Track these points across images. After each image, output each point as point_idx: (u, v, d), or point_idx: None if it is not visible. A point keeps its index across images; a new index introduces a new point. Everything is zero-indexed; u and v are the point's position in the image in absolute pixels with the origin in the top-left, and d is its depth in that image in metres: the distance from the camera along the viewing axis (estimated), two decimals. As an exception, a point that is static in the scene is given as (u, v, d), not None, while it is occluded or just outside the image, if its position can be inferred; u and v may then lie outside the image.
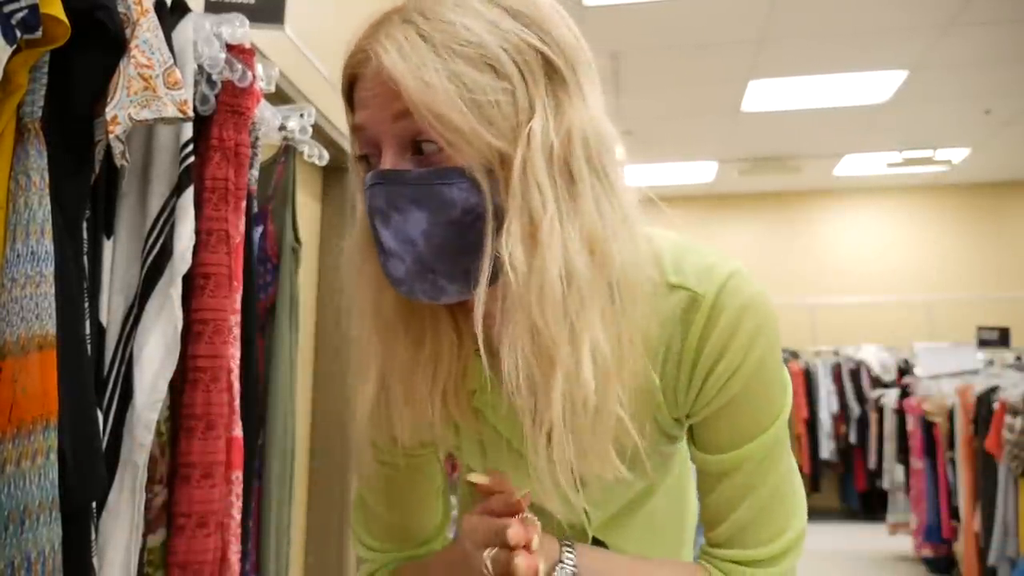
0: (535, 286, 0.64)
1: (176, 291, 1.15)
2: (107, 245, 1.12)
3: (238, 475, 1.26)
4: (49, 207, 0.90)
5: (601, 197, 0.67)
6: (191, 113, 1.08)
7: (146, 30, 1.02)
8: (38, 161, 0.89)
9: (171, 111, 1.03)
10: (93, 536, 1.01)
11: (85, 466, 0.95)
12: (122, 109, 0.98)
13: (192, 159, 1.19)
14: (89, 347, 1.05)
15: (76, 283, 0.98)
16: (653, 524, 0.96)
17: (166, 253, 1.16)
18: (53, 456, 0.83)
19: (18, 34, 0.82)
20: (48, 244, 0.89)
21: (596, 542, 0.96)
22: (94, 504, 1.03)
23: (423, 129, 0.65)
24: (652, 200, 0.75)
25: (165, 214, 1.18)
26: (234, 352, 1.26)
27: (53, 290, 0.89)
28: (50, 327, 0.87)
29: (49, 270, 0.88)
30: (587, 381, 0.65)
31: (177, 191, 1.18)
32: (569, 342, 0.65)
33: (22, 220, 0.87)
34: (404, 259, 0.66)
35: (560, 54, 0.68)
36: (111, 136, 0.98)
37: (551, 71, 0.68)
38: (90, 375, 1.02)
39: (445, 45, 0.65)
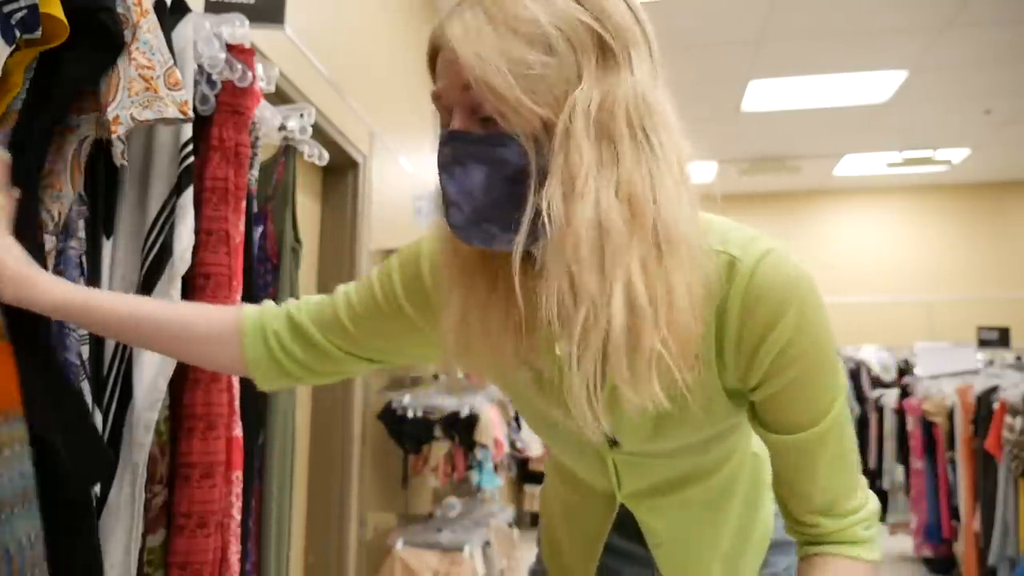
0: (570, 232, 0.71)
1: (176, 291, 1.15)
2: (107, 245, 1.12)
3: (238, 475, 1.26)
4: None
5: (643, 158, 0.74)
6: (191, 114, 1.08)
7: (146, 31, 1.02)
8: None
9: (172, 112, 1.03)
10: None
11: (81, 453, 0.95)
12: (124, 109, 0.98)
13: (192, 159, 1.19)
14: (87, 347, 1.05)
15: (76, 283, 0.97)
16: (687, 512, 0.98)
17: (166, 253, 1.15)
18: (20, 447, 0.81)
19: (17, 34, 0.82)
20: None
21: (624, 511, 0.99)
22: (95, 502, 1.03)
23: (484, 100, 0.73)
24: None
25: (165, 214, 1.17)
26: (234, 352, 1.26)
27: None
28: None
29: None
30: (616, 311, 0.70)
31: (177, 191, 1.17)
32: (599, 280, 0.71)
33: None
34: (463, 208, 0.76)
35: (611, 30, 0.75)
36: (113, 136, 0.98)
37: (603, 46, 0.75)
38: (59, 360, 1.00)
39: (505, 24, 0.73)
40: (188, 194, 1.18)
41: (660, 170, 0.74)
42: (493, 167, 0.75)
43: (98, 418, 1.06)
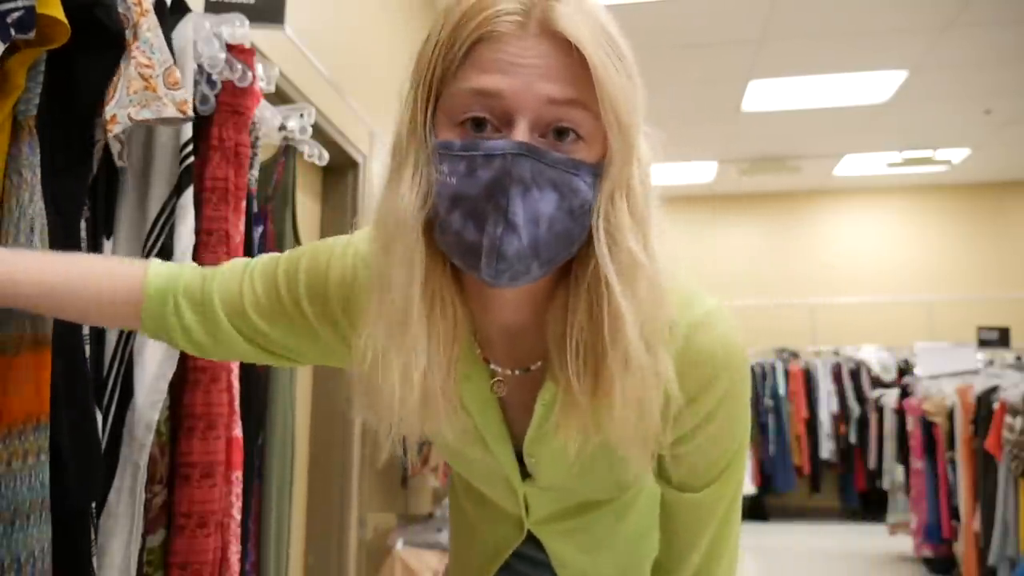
0: (652, 282, 0.68)
1: None
2: (107, 246, 1.12)
3: (238, 475, 1.26)
4: (41, 204, 0.89)
5: (656, 209, 0.73)
6: (191, 113, 1.08)
7: (146, 30, 1.02)
8: (31, 158, 0.89)
9: (171, 111, 1.03)
10: (93, 536, 1.01)
11: (84, 468, 0.95)
12: (121, 108, 0.98)
13: (192, 159, 1.19)
14: (88, 347, 1.05)
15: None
16: (598, 542, 0.98)
17: (166, 253, 1.15)
18: (44, 456, 0.82)
19: (12, 33, 0.82)
20: (38, 242, 0.87)
21: (531, 537, 0.99)
22: (93, 505, 1.03)
23: (575, 119, 0.66)
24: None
25: (165, 214, 1.17)
26: (234, 352, 1.26)
27: None
28: (42, 326, 0.86)
29: None
30: (667, 370, 0.70)
31: (177, 191, 1.18)
32: (665, 333, 0.70)
33: (14, 219, 0.86)
34: (522, 236, 0.66)
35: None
36: (109, 136, 0.98)
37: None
38: (88, 376, 1.02)
39: (613, 43, 0.68)
40: (188, 194, 1.18)
41: (657, 230, 0.73)
42: (564, 195, 0.67)
43: (97, 419, 1.06)
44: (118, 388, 1.11)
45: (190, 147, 1.19)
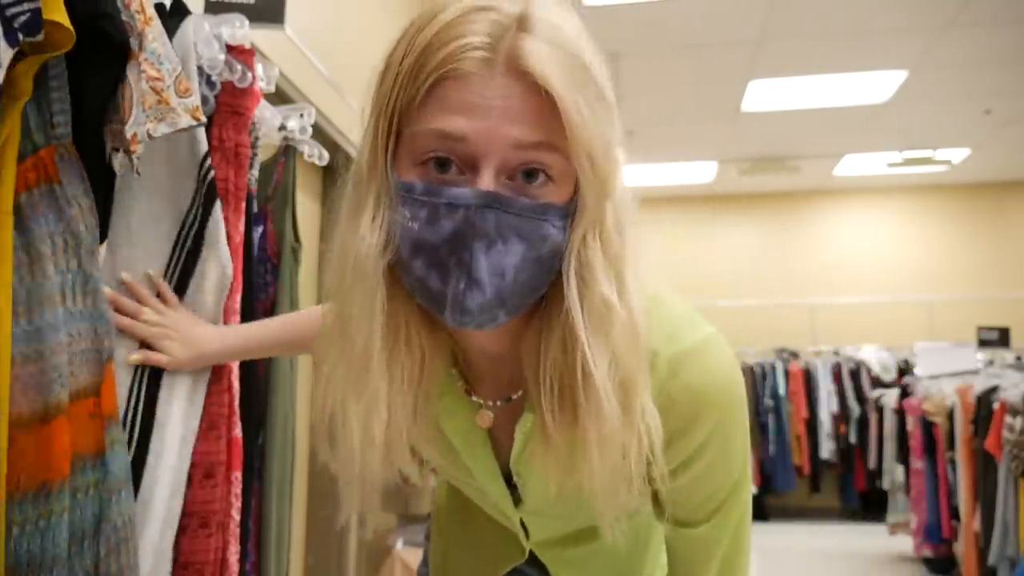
0: (628, 323, 0.65)
1: (217, 301, 1.17)
2: (100, 250, 1.11)
3: (237, 475, 1.26)
4: (97, 232, 0.94)
5: (630, 243, 0.69)
6: (203, 118, 1.08)
7: (152, 40, 1.02)
8: (82, 185, 0.91)
9: (185, 121, 1.02)
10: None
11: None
12: (140, 126, 0.98)
13: (214, 171, 1.18)
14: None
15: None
16: (598, 560, 0.95)
17: (189, 269, 1.16)
18: (121, 446, 0.96)
19: (21, 37, 0.82)
20: (99, 267, 0.95)
21: (532, 557, 0.96)
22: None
23: (545, 161, 0.63)
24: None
25: (187, 227, 1.17)
26: (234, 352, 1.26)
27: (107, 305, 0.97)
28: (111, 339, 0.96)
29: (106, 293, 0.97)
30: (652, 413, 0.68)
31: (206, 204, 1.16)
32: (644, 377, 0.68)
33: (73, 246, 0.89)
34: (486, 291, 0.63)
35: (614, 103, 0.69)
36: (134, 155, 0.98)
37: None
38: None
39: (586, 76, 0.63)
40: (218, 207, 1.17)
41: (633, 267, 0.69)
42: (532, 244, 0.63)
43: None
44: (143, 394, 1.11)
45: (209, 159, 1.18)
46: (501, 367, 0.77)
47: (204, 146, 1.18)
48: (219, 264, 1.16)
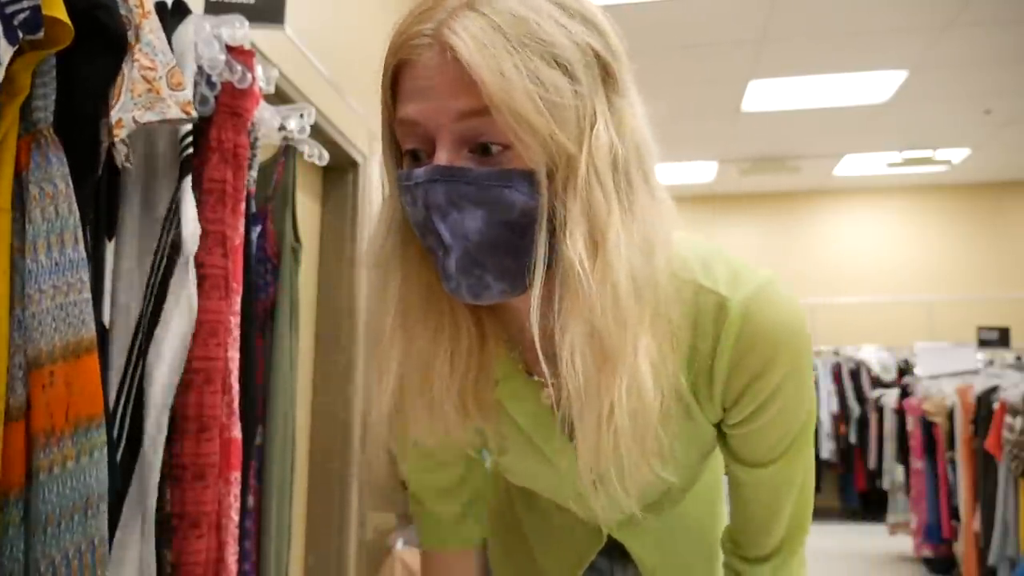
0: (603, 289, 0.63)
1: (191, 278, 1.15)
2: (108, 247, 1.12)
3: (236, 476, 1.26)
4: (78, 214, 0.91)
5: (649, 203, 0.68)
6: (194, 114, 1.08)
7: (148, 32, 1.02)
8: (60, 168, 0.90)
9: (175, 112, 1.03)
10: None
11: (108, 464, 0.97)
12: (126, 112, 0.98)
13: (191, 150, 1.19)
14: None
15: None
16: (674, 531, 0.95)
17: (176, 250, 1.15)
18: (104, 451, 0.88)
19: (20, 34, 0.82)
20: (81, 250, 0.91)
21: (611, 542, 0.96)
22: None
23: (491, 129, 0.63)
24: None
25: (171, 211, 1.17)
26: (233, 354, 1.25)
27: (89, 295, 0.91)
28: (89, 331, 0.90)
29: (86, 275, 0.91)
30: (645, 382, 0.65)
31: (178, 180, 1.17)
32: (630, 344, 0.65)
33: (55, 228, 0.88)
34: (454, 251, 0.65)
35: (616, 59, 0.69)
36: (116, 140, 0.98)
37: (608, 76, 0.68)
38: (103, 377, 1.03)
39: (520, 41, 0.62)
40: (187, 181, 1.17)
41: (659, 214, 0.69)
42: (495, 210, 0.64)
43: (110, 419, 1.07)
44: (133, 390, 1.11)
45: (190, 138, 1.19)
46: (548, 343, 0.76)
47: (186, 129, 1.19)
48: (186, 229, 1.16)
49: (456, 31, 0.62)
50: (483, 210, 0.64)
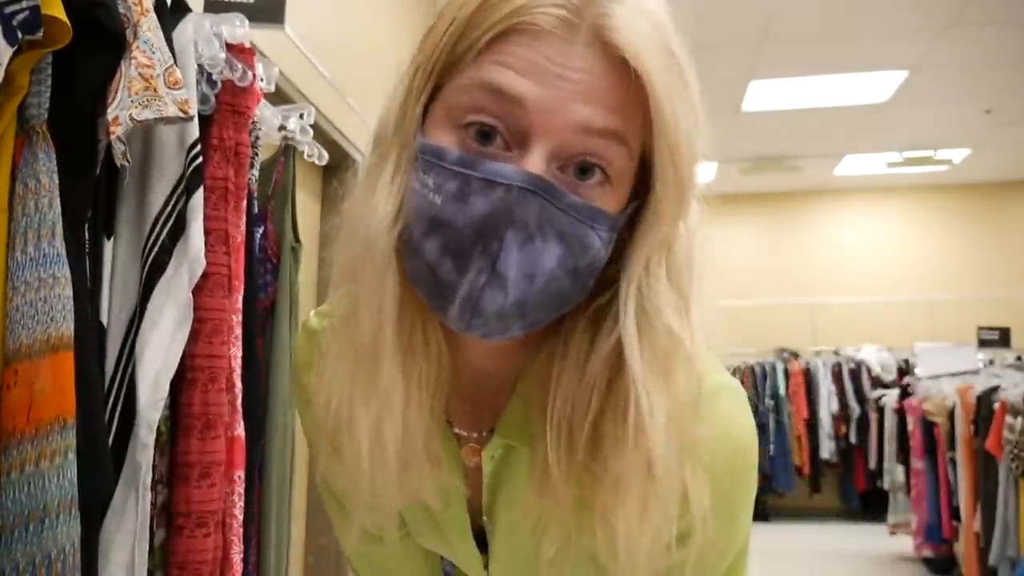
0: (678, 368, 0.55)
1: (185, 292, 1.15)
2: (107, 245, 1.12)
3: (240, 474, 1.26)
4: (59, 209, 0.90)
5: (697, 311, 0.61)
6: (192, 112, 1.08)
7: (146, 30, 1.02)
8: (46, 163, 0.89)
9: (172, 111, 1.03)
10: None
11: (95, 466, 0.96)
12: (123, 110, 0.98)
13: (200, 160, 1.19)
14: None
15: (82, 284, 0.98)
16: None
17: (165, 251, 1.15)
18: (71, 455, 0.84)
19: (19, 35, 0.82)
20: (60, 246, 0.88)
21: None
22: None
23: (607, 153, 0.52)
24: None
25: (166, 214, 1.17)
26: (235, 352, 1.26)
27: (69, 291, 0.88)
28: (65, 328, 0.87)
29: (63, 272, 0.88)
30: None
31: (187, 192, 1.17)
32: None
33: (32, 224, 0.87)
34: (508, 293, 0.52)
35: None
36: (112, 137, 0.98)
37: None
38: (99, 375, 1.02)
39: (682, 71, 0.55)
40: (199, 195, 1.17)
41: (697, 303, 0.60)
42: (572, 249, 0.53)
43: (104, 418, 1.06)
44: (124, 388, 1.11)
45: (198, 147, 1.18)
46: (484, 389, 0.65)
47: (193, 137, 1.18)
48: (193, 246, 1.16)
49: (629, 30, 0.52)
50: (563, 247, 0.52)
